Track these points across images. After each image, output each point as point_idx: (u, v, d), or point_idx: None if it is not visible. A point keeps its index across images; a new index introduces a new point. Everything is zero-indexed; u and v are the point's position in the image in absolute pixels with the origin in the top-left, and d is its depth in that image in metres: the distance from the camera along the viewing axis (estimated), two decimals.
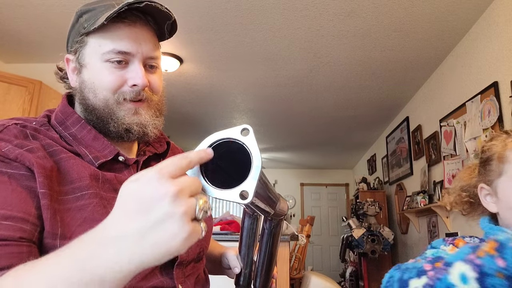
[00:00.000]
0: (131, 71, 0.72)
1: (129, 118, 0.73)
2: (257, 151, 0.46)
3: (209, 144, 0.46)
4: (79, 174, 0.65)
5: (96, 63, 0.72)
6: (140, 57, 0.73)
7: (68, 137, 0.72)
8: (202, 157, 0.45)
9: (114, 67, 0.72)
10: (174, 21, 0.76)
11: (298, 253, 3.57)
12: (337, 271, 6.64)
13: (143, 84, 0.72)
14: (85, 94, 0.74)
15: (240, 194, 0.43)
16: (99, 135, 0.74)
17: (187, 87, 3.80)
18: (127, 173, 0.74)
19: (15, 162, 0.60)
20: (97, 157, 0.70)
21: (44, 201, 0.59)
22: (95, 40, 0.72)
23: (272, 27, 2.71)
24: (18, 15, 2.60)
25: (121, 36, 0.71)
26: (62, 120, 0.74)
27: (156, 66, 0.78)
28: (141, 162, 0.77)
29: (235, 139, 0.47)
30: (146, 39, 0.74)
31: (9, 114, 2.73)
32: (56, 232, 0.58)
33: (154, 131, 0.76)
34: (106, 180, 0.68)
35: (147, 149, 0.83)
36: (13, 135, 0.65)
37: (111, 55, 0.71)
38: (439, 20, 2.58)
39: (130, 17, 0.72)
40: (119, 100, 0.72)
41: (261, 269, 0.77)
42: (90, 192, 0.64)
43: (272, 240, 0.72)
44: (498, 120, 2.31)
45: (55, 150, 0.66)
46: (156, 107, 0.78)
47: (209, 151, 0.45)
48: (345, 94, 3.95)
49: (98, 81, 0.72)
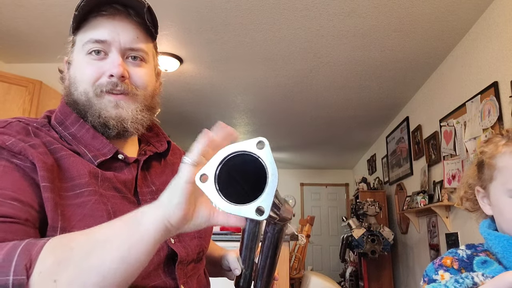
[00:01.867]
0: (108, 61, 0.72)
1: (107, 111, 0.72)
2: (273, 165, 0.45)
3: (224, 156, 0.45)
4: (78, 171, 0.66)
5: (79, 57, 0.73)
6: (117, 46, 0.72)
7: (67, 136, 0.72)
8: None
9: (93, 59, 0.72)
10: (150, 9, 0.75)
11: (298, 253, 3.57)
12: (337, 271, 6.64)
13: (118, 73, 0.71)
14: (70, 90, 0.74)
15: (256, 210, 0.42)
16: (98, 134, 0.73)
17: (187, 87, 3.80)
18: (127, 172, 0.74)
19: (20, 155, 0.62)
20: (96, 156, 0.70)
21: (46, 194, 0.59)
22: (79, 37, 0.74)
23: (272, 27, 2.71)
24: (18, 15, 2.60)
25: (98, 26, 0.72)
26: (62, 120, 0.74)
27: (141, 59, 0.76)
28: (142, 161, 0.77)
29: (250, 152, 0.45)
30: (125, 29, 0.73)
31: (9, 114, 2.73)
32: (57, 225, 0.59)
33: (135, 126, 0.74)
34: (106, 178, 0.68)
35: (148, 148, 0.83)
36: (15, 130, 0.66)
37: (89, 45, 0.71)
38: (439, 20, 2.58)
39: (109, 10, 0.73)
40: (97, 92, 0.71)
41: (262, 271, 0.77)
42: (89, 190, 0.64)
43: (275, 244, 0.72)
44: (498, 120, 2.31)
45: (55, 148, 0.67)
46: (142, 102, 0.75)
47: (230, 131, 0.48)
48: (345, 94, 3.95)
49: (79, 75, 0.73)
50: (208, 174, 0.45)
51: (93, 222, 0.62)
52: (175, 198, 0.48)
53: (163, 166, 0.84)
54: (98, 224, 0.61)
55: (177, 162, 0.89)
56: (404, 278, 4.40)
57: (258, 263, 0.76)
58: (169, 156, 0.87)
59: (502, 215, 0.72)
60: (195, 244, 0.77)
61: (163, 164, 0.84)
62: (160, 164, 0.84)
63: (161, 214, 0.49)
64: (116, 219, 0.52)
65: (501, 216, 0.73)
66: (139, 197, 0.73)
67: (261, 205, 0.42)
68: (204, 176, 0.45)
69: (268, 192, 0.43)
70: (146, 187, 0.75)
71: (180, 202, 0.48)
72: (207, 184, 0.44)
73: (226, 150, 0.46)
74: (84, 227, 0.60)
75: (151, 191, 0.76)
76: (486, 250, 0.74)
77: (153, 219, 0.49)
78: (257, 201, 0.42)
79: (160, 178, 0.80)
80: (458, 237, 2.89)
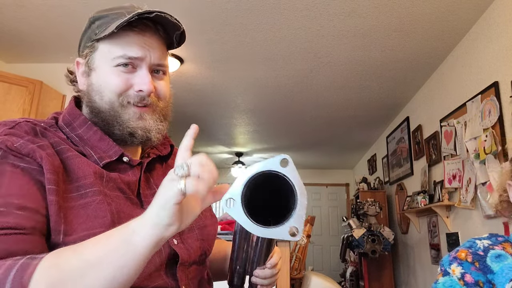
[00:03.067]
0: (138, 76, 0.74)
1: (133, 122, 0.74)
2: (301, 183, 0.44)
3: (248, 178, 0.45)
4: (83, 172, 0.67)
5: (105, 67, 0.74)
6: (148, 63, 0.75)
7: (74, 138, 0.73)
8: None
9: (122, 71, 0.73)
10: (183, 32, 0.78)
11: (298, 253, 3.57)
12: (338, 271, 6.64)
13: (148, 90, 0.74)
14: (92, 97, 0.75)
15: (290, 232, 0.42)
16: (105, 136, 0.75)
17: (187, 87, 3.80)
18: (131, 174, 0.75)
19: (27, 157, 0.62)
20: (101, 157, 0.72)
21: (51, 197, 0.60)
22: (105, 46, 0.74)
23: (272, 27, 2.71)
24: (19, 15, 2.60)
25: (131, 42, 0.73)
26: (69, 122, 0.75)
27: (163, 72, 0.79)
28: (145, 164, 0.79)
29: (276, 172, 0.45)
30: (154, 47, 0.76)
31: (9, 114, 2.73)
32: (59, 228, 0.60)
33: (157, 136, 0.77)
34: (110, 179, 0.69)
35: (151, 151, 0.84)
36: (24, 131, 0.67)
37: (120, 60, 0.73)
38: (439, 20, 2.58)
39: (140, 26, 0.74)
40: (123, 103, 0.74)
41: (256, 265, 0.78)
42: (94, 190, 0.65)
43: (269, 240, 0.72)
44: (498, 120, 2.31)
45: (62, 148, 0.68)
46: (161, 113, 0.79)
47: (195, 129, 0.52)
48: (345, 94, 3.95)
49: (105, 84, 0.74)
50: (234, 198, 0.44)
51: (96, 223, 0.63)
52: (166, 219, 0.49)
53: (165, 169, 0.86)
54: (101, 225, 0.62)
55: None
56: (405, 278, 4.40)
57: (252, 258, 0.77)
58: (170, 159, 0.89)
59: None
60: (198, 246, 0.78)
61: (164, 167, 0.86)
62: (162, 167, 0.85)
63: (153, 234, 0.50)
64: (106, 234, 0.53)
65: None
66: (141, 199, 0.74)
67: (294, 225, 0.42)
68: (230, 200, 0.44)
69: (299, 212, 0.42)
70: (148, 189, 0.77)
71: (172, 222, 0.50)
72: (235, 209, 0.44)
73: (250, 171, 0.45)
74: (86, 230, 0.61)
75: (153, 193, 0.76)
76: (507, 241, 0.75)
77: (145, 238, 0.50)
78: (289, 222, 0.42)
79: (161, 181, 0.81)
80: (458, 237, 2.89)
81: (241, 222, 0.43)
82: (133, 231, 0.51)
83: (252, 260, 0.76)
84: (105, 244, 0.51)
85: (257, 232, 0.43)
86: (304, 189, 0.44)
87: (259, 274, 0.77)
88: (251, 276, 0.79)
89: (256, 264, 0.77)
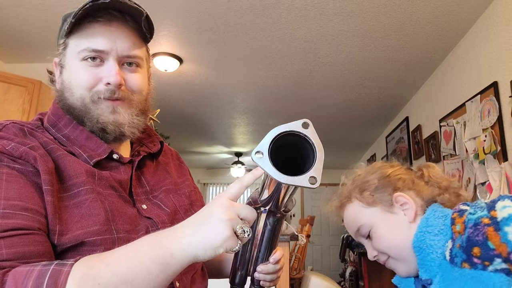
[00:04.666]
0: (105, 69, 0.72)
1: (105, 117, 0.73)
2: (319, 141, 0.51)
3: (275, 135, 0.51)
4: (75, 171, 0.66)
5: (74, 62, 0.73)
6: (114, 54, 0.72)
7: (61, 138, 0.72)
8: (254, 177, 0.55)
9: (89, 66, 0.72)
10: (148, 17, 0.75)
11: (298, 253, 3.56)
12: (337, 271, 6.64)
13: (115, 82, 0.72)
14: (64, 94, 0.74)
15: (309, 180, 0.48)
16: (92, 134, 0.74)
17: (186, 87, 3.80)
18: (122, 172, 0.75)
19: (20, 159, 0.62)
20: (91, 156, 0.71)
21: (47, 197, 0.60)
22: (73, 41, 0.73)
23: (272, 27, 2.71)
24: (18, 15, 2.59)
25: (95, 34, 0.71)
26: (55, 123, 0.75)
27: (137, 64, 0.77)
28: (136, 162, 0.78)
29: (298, 132, 0.51)
30: (122, 37, 0.73)
31: (8, 114, 2.72)
32: (55, 229, 0.60)
33: (132, 130, 0.75)
34: (102, 177, 0.69)
35: (141, 149, 0.84)
36: (12, 133, 0.66)
37: (86, 53, 0.71)
38: (439, 20, 2.58)
39: (105, 16, 0.72)
40: (94, 98, 0.72)
41: (260, 261, 0.78)
42: (86, 188, 0.65)
43: (274, 236, 0.73)
44: (497, 120, 2.31)
45: (52, 148, 0.67)
46: (137, 107, 0.77)
47: (257, 173, 0.53)
48: (344, 94, 3.95)
49: (74, 80, 0.72)
50: (262, 151, 0.50)
51: (90, 221, 0.63)
52: (208, 255, 0.52)
53: (156, 166, 0.85)
54: (95, 223, 0.62)
55: (169, 163, 0.90)
56: None
57: (255, 256, 0.77)
58: (161, 157, 0.89)
59: None
60: None
61: (155, 164, 0.86)
62: (153, 164, 0.85)
63: (191, 260, 0.52)
64: (136, 249, 0.53)
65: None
66: (133, 197, 0.74)
67: (313, 175, 0.48)
68: (258, 153, 0.50)
69: (318, 164, 0.49)
70: (140, 187, 0.77)
71: (214, 254, 0.52)
72: (263, 160, 0.49)
73: (276, 131, 0.51)
74: (81, 228, 0.61)
75: (145, 191, 0.77)
76: None
77: (183, 264, 0.52)
78: (309, 172, 0.48)
79: (153, 178, 0.81)
80: None
81: (269, 171, 0.49)
82: (171, 256, 0.52)
83: (256, 256, 0.76)
84: (140, 262, 0.51)
85: (283, 180, 0.48)
86: (322, 146, 0.51)
87: (262, 269, 0.77)
88: (253, 272, 0.79)
89: (260, 260, 0.77)
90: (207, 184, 7.88)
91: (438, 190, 0.79)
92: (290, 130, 0.51)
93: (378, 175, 0.81)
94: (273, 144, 0.50)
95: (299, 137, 0.51)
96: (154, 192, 0.79)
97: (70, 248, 0.60)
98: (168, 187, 0.82)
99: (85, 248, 0.61)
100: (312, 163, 0.49)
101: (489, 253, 0.58)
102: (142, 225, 0.70)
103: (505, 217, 0.58)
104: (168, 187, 0.83)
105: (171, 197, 0.81)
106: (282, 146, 0.51)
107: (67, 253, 0.61)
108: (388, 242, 0.77)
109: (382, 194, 0.79)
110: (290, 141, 0.52)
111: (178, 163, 0.96)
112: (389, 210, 0.78)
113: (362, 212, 0.82)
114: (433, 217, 0.72)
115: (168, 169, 0.88)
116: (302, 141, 0.52)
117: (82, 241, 0.61)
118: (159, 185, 0.81)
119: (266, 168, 0.49)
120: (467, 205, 0.70)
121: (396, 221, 0.77)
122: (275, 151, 0.51)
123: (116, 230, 0.64)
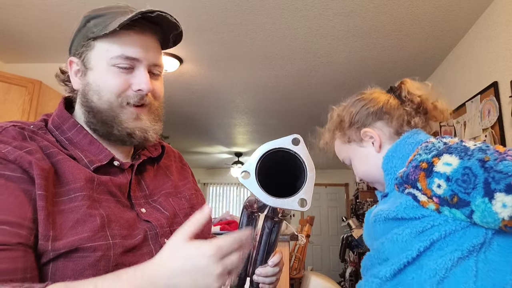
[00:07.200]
0: (137, 76, 0.74)
1: (131, 123, 0.74)
2: (310, 160, 0.48)
3: (262, 154, 0.48)
4: (74, 176, 0.66)
5: (102, 66, 0.73)
6: (146, 63, 0.75)
7: (64, 141, 0.73)
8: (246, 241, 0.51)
9: (120, 72, 0.73)
10: (180, 32, 0.78)
11: (297, 253, 3.56)
12: (337, 271, 6.64)
13: (148, 89, 0.74)
14: (89, 97, 0.74)
15: (299, 202, 0.45)
16: (95, 139, 0.75)
17: (186, 87, 3.80)
18: (122, 177, 0.75)
19: (14, 163, 0.61)
20: (92, 161, 0.71)
21: (40, 202, 0.59)
22: (103, 45, 0.73)
23: (272, 27, 2.71)
24: (18, 15, 2.59)
25: (131, 42, 0.73)
26: (59, 125, 0.75)
27: (159, 73, 0.80)
28: (136, 166, 0.78)
29: (287, 149, 0.49)
30: (153, 47, 0.76)
31: (8, 114, 2.72)
32: (48, 234, 0.59)
33: (154, 136, 0.78)
34: (101, 182, 0.69)
35: (142, 152, 0.84)
36: (11, 136, 0.66)
37: (119, 60, 0.72)
38: (439, 20, 2.58)
39: (140, 25, 0.73)
40: (122, 103, 0.74)
41: (258, 264, 0.78)
42: (83, 194, 0.65)
43: (274, 238, 0.73)
44: (497, 120, 2.31)
45: (52, 152, 0.67)
46: (156, 113, 0.79)
47: (248, 236, 0.49)
48: (344, 94, 3.94)
49: (103, 84, 0.73)
50: (249, 171, 0.47)
51: (85, 227, 0.62)
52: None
53: (156, 170, 0.86)
54: (90, 230, 0.62)
55: (171, 166, 0.91)
56: None
57: (254, 258, 0.77)
58: (163, 159, 0.89)
59: None
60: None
61: (156, 168, 0.86)
62: (153, 168, 0.85)
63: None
64: (117, 284, 0.52)
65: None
66: (132, 201, 0.74)
67: (304, 197, 0.46)
68: (245, 173, 0.47)
69: (308, 185, 0.47)
70: (139, 191, 0.77)
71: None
72: (249, 180, 0.47)
73: (265, 147, 0.49)
74: (76, 234, 0.61)
75: (144, 195, 0.78)
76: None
77: None
78: (299, 194, 0.46)
79: (153, 182, 0.82)
80: None
81: (255, 192, 0.46)
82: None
83: (255, 259, 0.76)
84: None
85: (270, 202, 0.45)
86: (313, 165, 0.48)
87: (261, 272, 0.77)
88: (253, 274, 0.79)
89: (259, 263, 0.77)
90: (207, 184, 7.88)
91: (410, 111, 0.90)
92: (280, 147, 0.49)
93: (349, 114, 0.96)
94: (262, 160, 0.48)
95: (289, 153, 0.49)
96: (153, 196, 0.79)
97: (64, 254, 0.60)
98: (168, 191, 0.83)
99: (79, 254, 0.61)
100: (303, 183, 0.47)
101: (417, 189, 0.68)
102: (140, 229, 0.70)
103: (440, 171, 0.64)
104: (168, 190, 0.83)
105: (171, 201, 0.81)
106: (272, 162, 0.49)
107: (61, 259, 0.60)
108: (362, 171, 0.93)
109: (352, 132, 0.93)
110: (280, 157, 0.49)
111: (181, 165, 0.96)
112: (360, 145, 0.92)
113: (342, 147, 0.99)
114: (404, 143, 0.82)
115: (169, 173, 0.88)
116: (291, 156, 0.49)
117: (77, 247, 0.60)
118: (159, 189, 0.82)
119: (253, 191, 0.47)
120: (441, 139, 0.76)
121: (366, 153, 0.91)
122: (265, 167, 0.48)
123: (112, 236, 0.64)
